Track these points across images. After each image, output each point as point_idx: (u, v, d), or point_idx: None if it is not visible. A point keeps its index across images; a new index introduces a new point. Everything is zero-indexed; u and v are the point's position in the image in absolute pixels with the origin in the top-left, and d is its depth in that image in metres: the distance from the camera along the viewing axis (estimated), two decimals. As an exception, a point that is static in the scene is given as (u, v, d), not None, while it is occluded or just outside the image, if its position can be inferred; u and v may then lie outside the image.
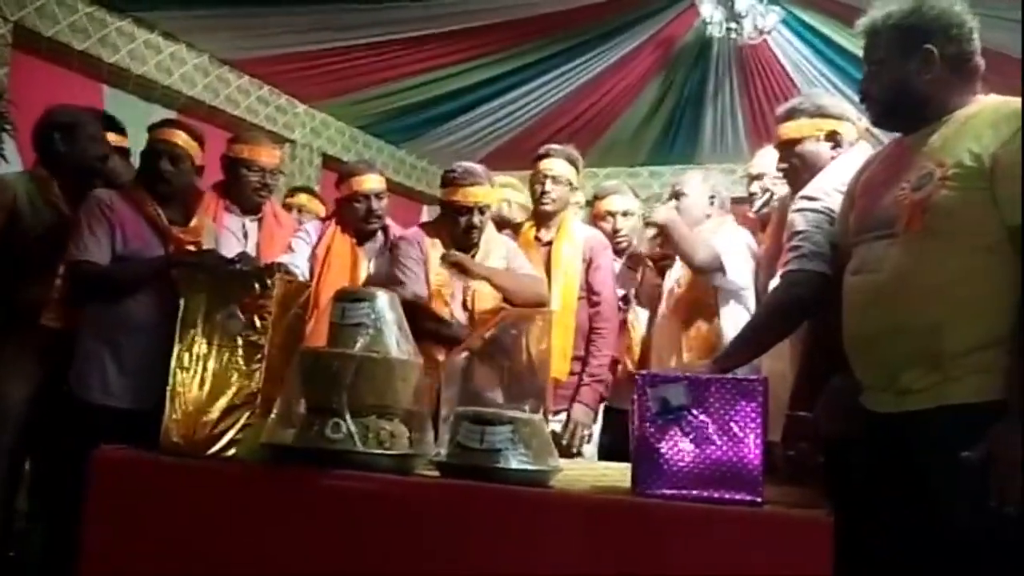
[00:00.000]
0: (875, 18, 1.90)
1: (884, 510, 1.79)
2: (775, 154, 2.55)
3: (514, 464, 1.82)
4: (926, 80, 1.83)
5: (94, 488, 2.00)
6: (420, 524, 1.80)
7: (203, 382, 2.09)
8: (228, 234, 3.30)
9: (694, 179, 3.39)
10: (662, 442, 1.73)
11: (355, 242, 3.32)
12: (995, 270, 1.68)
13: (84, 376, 2.83)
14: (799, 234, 2.16)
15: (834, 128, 2.42)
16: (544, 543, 1.72)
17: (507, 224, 3.56)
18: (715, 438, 1.72)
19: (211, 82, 5.66)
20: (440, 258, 3.02)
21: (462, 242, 3.07)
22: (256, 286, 2.11)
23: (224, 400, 2.06)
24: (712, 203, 3.30)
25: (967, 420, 1.64)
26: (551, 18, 5.43)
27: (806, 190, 2.28)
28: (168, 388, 2.12)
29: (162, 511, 1.97)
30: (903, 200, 1.78)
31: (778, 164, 2.53)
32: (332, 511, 1.86)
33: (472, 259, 3.05)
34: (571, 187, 3.41)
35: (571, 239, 3.37)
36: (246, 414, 2.04)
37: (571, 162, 3.39)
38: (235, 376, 2.07)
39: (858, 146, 2.41)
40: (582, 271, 3.35)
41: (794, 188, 2.44)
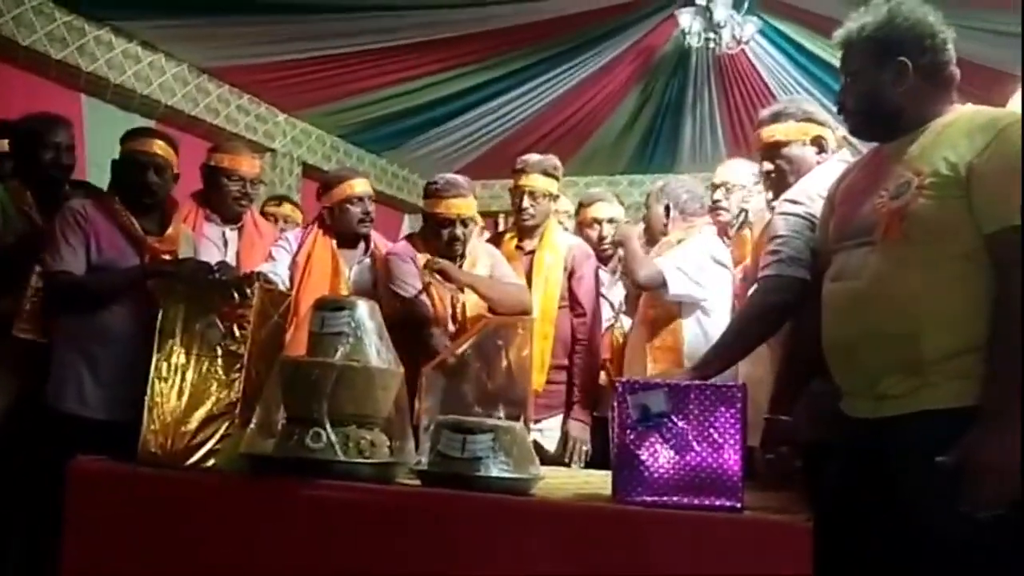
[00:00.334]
0: (850, 30, 1.92)
1: (862, 514, 1.79)
2: (740, 166, 2.56)
3: (495, 472, 1.81)
4: (900, 92, 1.85)
5: (72, 500, 1.99)
6: (401, 533, 1.79)
7: (182, 392, 2.08)
8: (208, 243, 3.28)
9: (653, 191, 3.45)
10: (642, 449, 1.73)
11: (337, 249, 3.30)
12: (972, 277, 1.69)
13: (60, 387, 2.80)
14: (779, 238, 2.17)
15: (820, 133, 2.45)
16: (525, 551, 1.72)
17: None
18: (695, 445, 1.72)
19: (190, 91, 5.63)
20: (423, 265, 3.03)
21: (445, 253, 3.09)
22: (235, 295, 2.10)
23: (203, 410, 2.05)
24: (668, 214, 3.30)
25: (945, 425, 1.65)
26: (531, 28, 5.45)
27: (789, 193, 2.29)
28: (146, 398, 2.10)
29: (141, 523, 1.95)
30: (881, 208, 1.79)
31: (763, 166, 2.54)
32: (313, 521, 1.84)
33: (456, 267, 3.06)
34: (551, 197, 3.42)
35: (553, 248, 3.38)
36: (225, 424, 2.03)
37: (548, 174, 3.39)
38: (214, 386, 2.06)
39: (840, 153, 2.43)
40: (564, 280, 3.36)
41: (776, 191, 2.45)
